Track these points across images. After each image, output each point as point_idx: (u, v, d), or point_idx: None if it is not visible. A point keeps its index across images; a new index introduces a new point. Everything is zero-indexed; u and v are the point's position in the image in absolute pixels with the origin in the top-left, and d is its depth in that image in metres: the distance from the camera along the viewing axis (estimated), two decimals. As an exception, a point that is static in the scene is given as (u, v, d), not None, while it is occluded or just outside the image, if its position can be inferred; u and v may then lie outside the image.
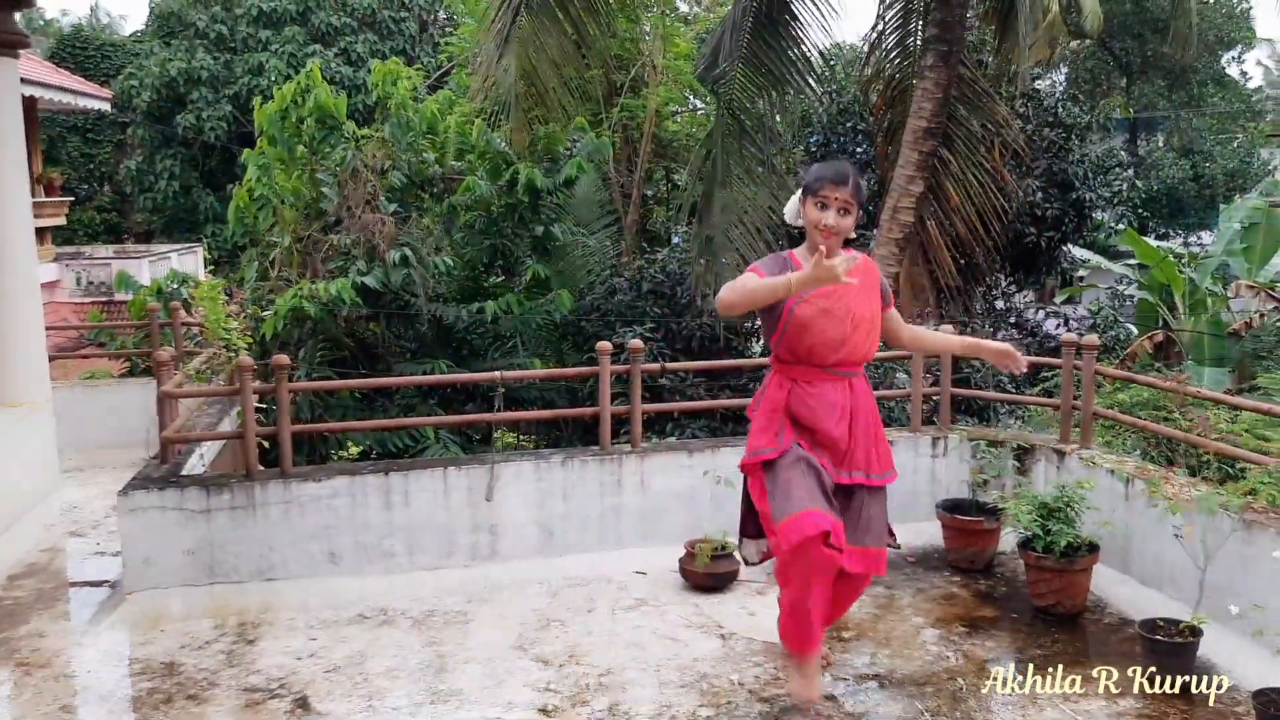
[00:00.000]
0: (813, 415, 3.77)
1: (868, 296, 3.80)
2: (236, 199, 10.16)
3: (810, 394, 3.79)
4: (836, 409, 3.79)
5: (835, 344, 3.74)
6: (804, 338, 3.73)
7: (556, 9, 9.31)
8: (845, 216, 3.66)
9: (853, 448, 3.81)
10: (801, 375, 3.81)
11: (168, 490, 5.13)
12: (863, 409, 3.86)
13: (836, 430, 3.77)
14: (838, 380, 3.82)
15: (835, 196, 3.63)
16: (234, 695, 4.28)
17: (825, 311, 3.71)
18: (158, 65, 22.10)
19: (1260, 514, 4.60)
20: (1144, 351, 12.99)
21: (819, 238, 3.64)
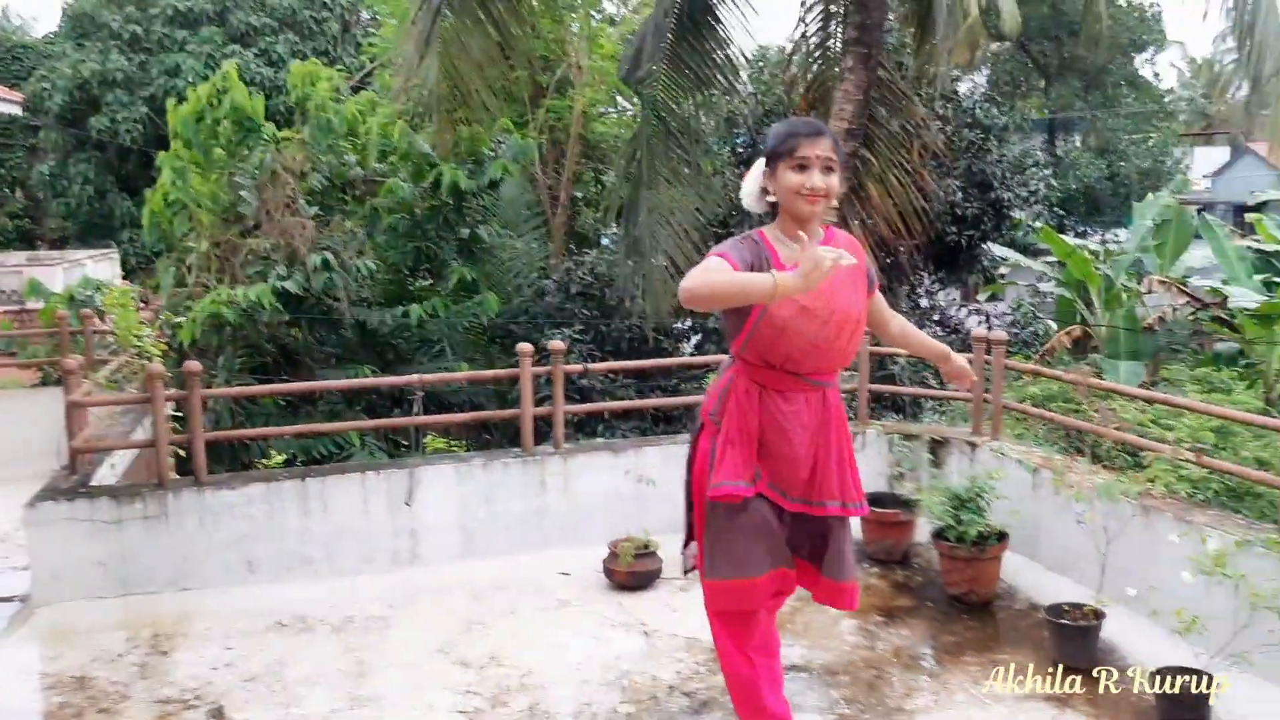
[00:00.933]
0: (784, 441, 3.22)
1: (854, 289, 3.21)
2: (151, 204, 9.98)
3: (784, 411, 3.20)
4: (810, 430, 3.24)
5: (816, 350, 3.13)
6: (779, 343, 3.10)
7: (479, 10, 9.28)
8: (830, 175, 3.06)
9: (825, 474, 3.28)
10: (773, 383, 3.20)
11: (77, 501, 5.03)
12: (836, 427, 3.31)
13: (805, 456, 3.24)
14: (813, 391, 3.23)
15: (816, 154, 3.04)
16: (147, 708, 4.21)
17: (806, 311, 3.07)
18: (70, 67, 21.57)
19: (1158, 500, 4.77)
20: (1062, 346, 13.30)
21: (803, 205, 3.06)
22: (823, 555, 3.37)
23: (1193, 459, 4.86)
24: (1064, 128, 31.26)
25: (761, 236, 3.17)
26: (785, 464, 3.24)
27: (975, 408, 6.04)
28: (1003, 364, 5.83)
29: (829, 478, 3.29)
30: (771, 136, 3.18)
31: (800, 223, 3.11)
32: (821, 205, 3.09)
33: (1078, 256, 13.40)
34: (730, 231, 13.02)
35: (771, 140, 3.16)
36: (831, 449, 3.29)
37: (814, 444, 3.26)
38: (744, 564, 3.24)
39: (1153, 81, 33.81)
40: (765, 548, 3.26)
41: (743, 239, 3.18)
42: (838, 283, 3.06)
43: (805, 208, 3.07)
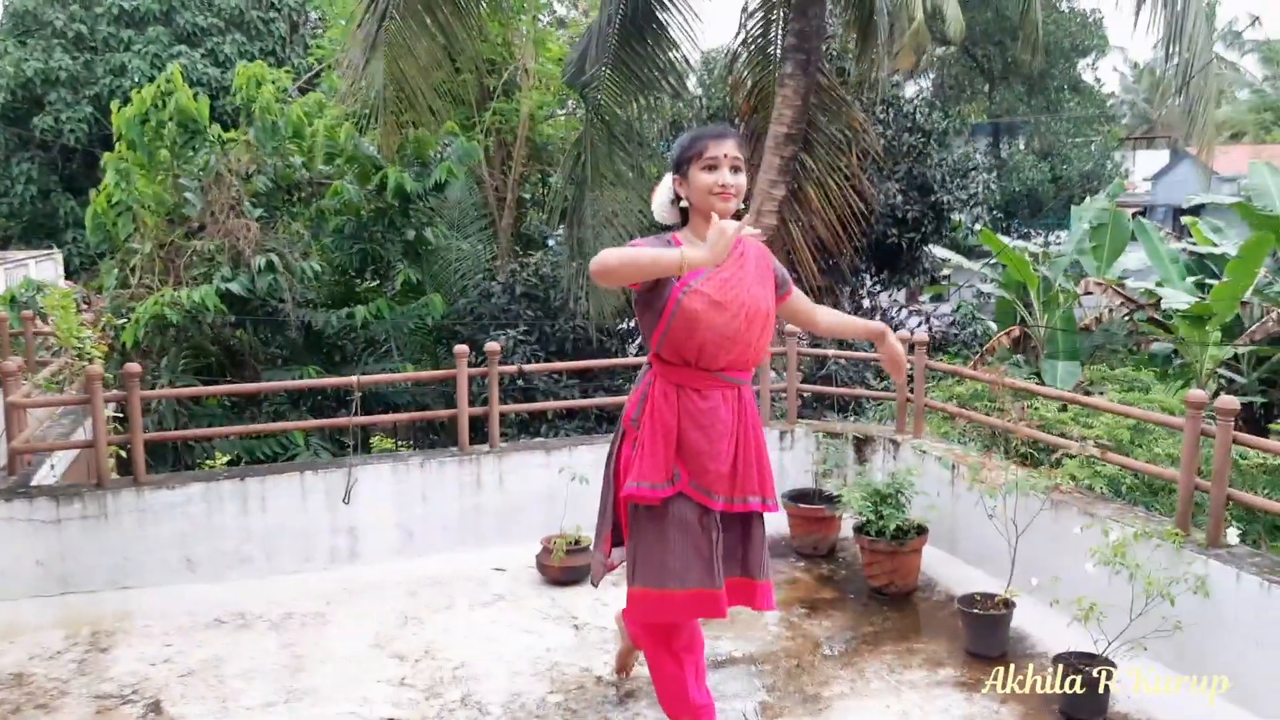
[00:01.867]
0: (704, 438, 3.35)
1: (762, 285, 3.38)
2: (95, 205, 9.97)
3: (702, 410, 3.35)
4: (728, 427, 3.38)
5: (728, 343, 3.28)
6: (693, 335, 3.25)
7: (424, 14, 9.39)
8: (738, 174, 3.26)
9: (746, 471, 3.45)
10: (690, 381, 3.35)
11: (15, 501, 5.09)
12: (752, 425, 3.48)
13: (726, 452, 3.38)
14: (728, 389, 3.39)
15: (724, 154, 3.24)
16: (85, 703, 4.30)
17: (716, 304, 3.24)
18: (12, 65, 21.28)
19: (1065, 495, 5.01)
20: (1002, 347, 13.61)
21: (716, 202, 3.23)
22: (746, 559, 3.51)
23: (1098, 455, 5.10)
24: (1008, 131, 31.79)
25: (674, 238, 3.34)
26: (708, 461, 3.35)
27: (899, 406, 6.26)
28: (924, 364, 6.06)
29: (750, 474, 3.45)
30: (678, 146, 3.36)
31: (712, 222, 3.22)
32: (733, 202, 3.27)
33: (1017, 258, 13.71)
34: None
35: (679, 149, 3.34)
36: (750, 446, 3.44)
37: (733, 441, 3.40)
38: (665, 575, 3.34)
39: (1095, 86, 34.45)
40: (687, 561, 3.34)
41: (657, 236, 3.37)
42: (746, 278, 3.30)
43: (719, 204, 3.25)
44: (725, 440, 3.38)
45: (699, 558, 3.36)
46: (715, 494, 3.40)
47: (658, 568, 3.34)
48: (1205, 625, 4.25)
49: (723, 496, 3.42)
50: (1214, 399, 4.52)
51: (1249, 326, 12.72)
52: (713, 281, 3.26)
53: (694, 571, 3.34)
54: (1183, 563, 4.34)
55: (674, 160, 3.35)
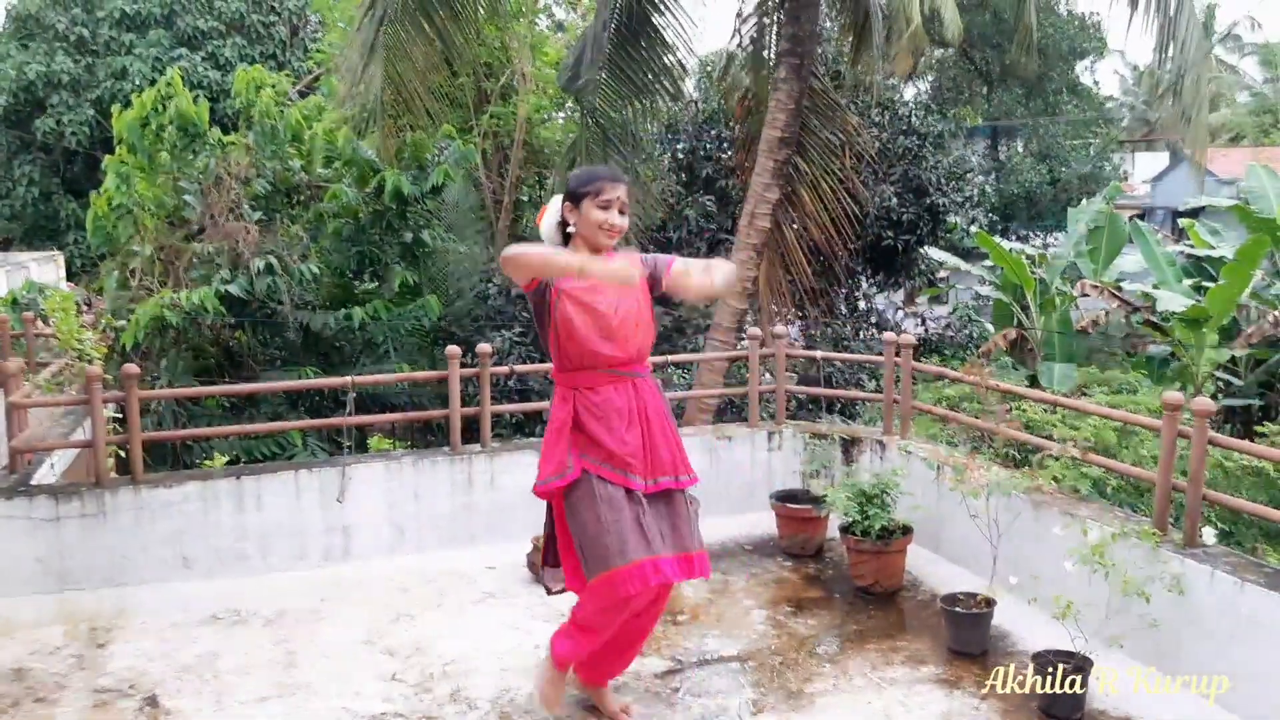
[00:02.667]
0: (603, 425, 3.66)
1: (634, 292, 3.68)
2: (96, 207, 10.09)
3: (595, 403, 3.68)
4: (625, 415, 3.68)
5: (606, 342, 3.64)
6: (574, 338, 3.63)
7: (422, 18, 9.46)
8: (624, 216, 3.67)
9: (656, 452, 3.72)
10: (583, 382, 3.70)
11: (15, 499, 5.18)
12: (654, 411, 3.77)
13: (629, 436, 3.67)
14: (621, 382, 3.71)
15: (616, 197, 3.63)
16: (83, 696, 4.39)
17: (586, 307, 3.62)
18: (15, 69, 21.42)
19: (1047, 495, 5.09)
20: (999, 349, 13.69)
21: (603, 238, 3.63)
22: (678, 533, 3.75)
23: (1080, 456, 5.19)
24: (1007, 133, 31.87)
25: None
26: (615, 445, 3.65)
27: (886, 408, 6.34)
28: (910, 366, 6.14)
29: (661, 456, 3.75)
30: (575, 179, 3.75)
31: (595, 251, 3.67)
32: (616, 239, 3.69)
33: (1013, 260, 13.80)
34: (669, 236, 13.32)
35: (577, 181, 3.73)
36: (654, 431, 3.76)
37: (639, 428, 3.71)
38: (609, 556, 3.56)
39: (1093, 89, 34.54)
40: (623, 535, 3.56)
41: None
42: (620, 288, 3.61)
43: (605, 240, 3.67)
44: (625, 425, 3.68)
45: (634, 531, 3.59)
46: (632, 475, 3.67)
47: (601, 551, 3.58)
48: (1181, 623, 4.33)
49: (640, 478, 3.69)
50: (1214, 400, 4.60)
51: (1246, 329, 12.79)
52: (581, 288, 3.62)
53: (630, 544, 3.57)
54: (1159, 562, 4.42)
55: (570, 190, 3.71)
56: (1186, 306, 12.41)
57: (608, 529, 3.57)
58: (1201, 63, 9.80)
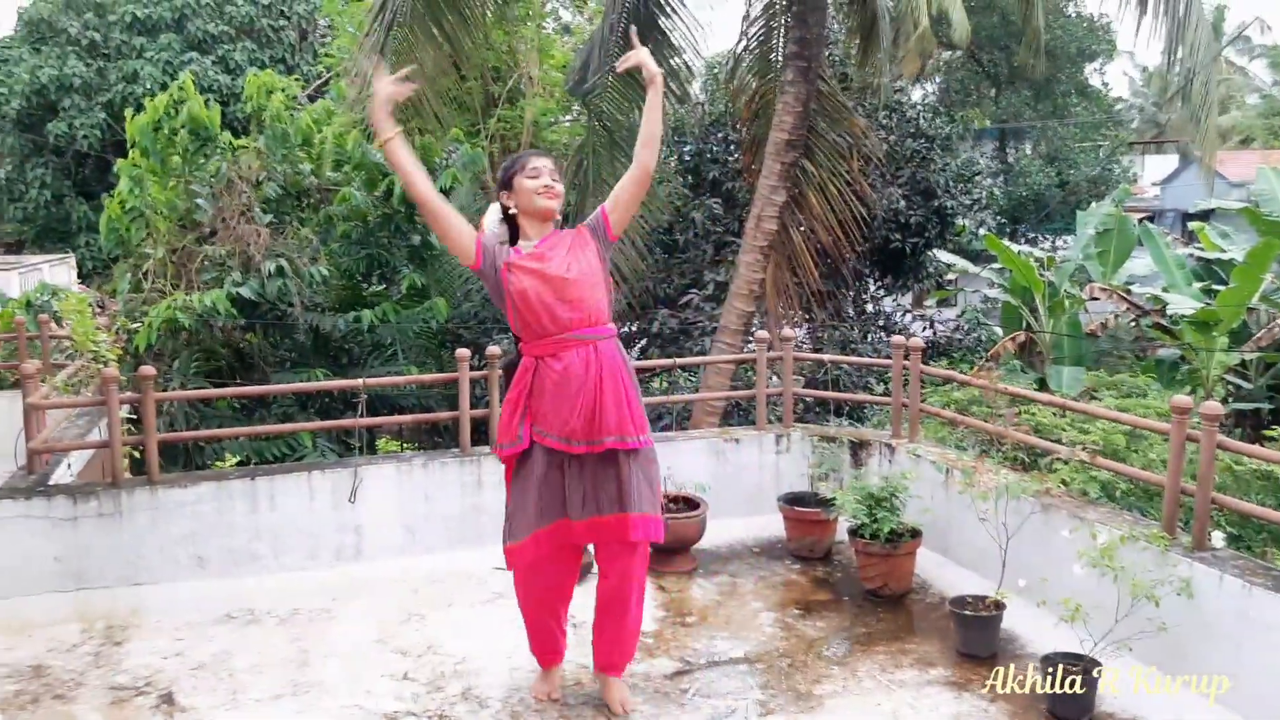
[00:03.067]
0: (559, 393, 3.82)
1: (579, 250, 3.88)
2: (109, 210, 10.16)
3: (554, 370, 3.84)
4: (583, 382, 3.81)
5: (563, 303, 3.81)
6: (530, 307, 3.80)
7: (430, 23, 9.52)
8: (556, 182, 3.88)
9: (603, 416, 3.82)
10: (545, 349, 3.86)
11: (34, 499, 5.24)
12: (610, 374, 3.87)
13: (583, 402, 3.80)
14: (582, 345, 3.84)
15: (544, 164, 3.89)
16: (101, 694, 4.44)
17: (538, 274, 3.80)
18: (27, 72, 21.56)
19: (1056, 498, 5.12)
20: (1007, 352, 13.69)
21: (542, 200, 3.84)
22: (621, 493, 3.89)
23: (1089, 460, 5.21)
24: (1015, 135, 31.85)
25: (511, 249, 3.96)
26: (564, 413, 3.83)
27: (894, 411, 6.37)
28: (919, 369, 6.17)
29: (608, 417, 3.84)
30: (503, 169, 4.01)
31: (539, 219, 3.92)
32: (556, 202, 3.89)
33: (1021, 263, 13.80)
34: (675, 239, 13.35)
35: (503, 170, 3.99)
36: (607, 393, 3.85)
37: (592, 391, 3.83)
38: (524, 526, 3.96)
39: (1102, 90, 34.50)
40: (544, 505, 3.92)
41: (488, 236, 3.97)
42: (560, 249, 3.87)
43: (545, 202, 3.88)
44: (580, 392, 3.83)
45: (555, 500, 3.92)
46: (574, 440, 3.85)
47: (522, 521, 3.97)
48: (1189, 626, 4.35)
49: (582, 441, 3.85)
50: (1224, 404, 4.62)
51: (1256, 332, 12.78)
52: (529, 257, 3.85)
53: (550, 511, 3.93)
54: (1168, 565, 4.44)
55: (500, 181, 3.98)
56: (1196, 310, 12.40)
57: (534, 499, 3.91)
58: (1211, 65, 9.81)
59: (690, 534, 5.82)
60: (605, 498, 3.89)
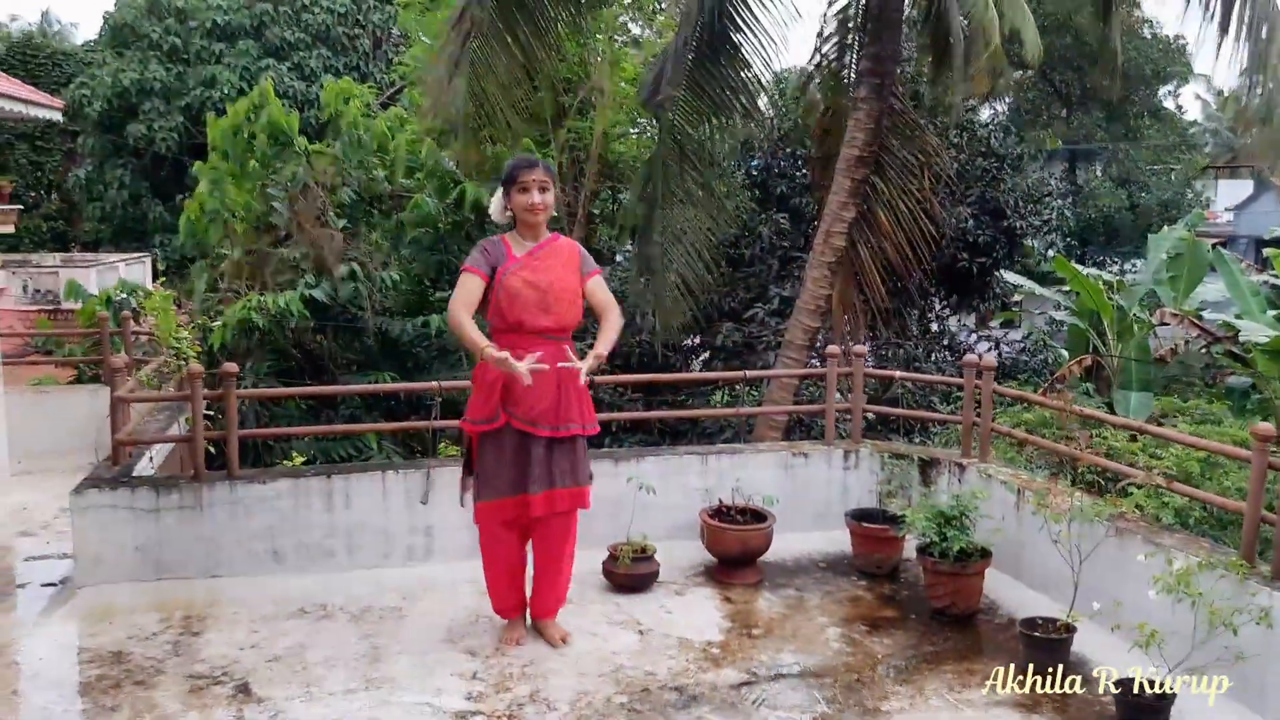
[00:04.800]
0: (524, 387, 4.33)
1: (566, 272, 4.57)
2: (188, 211, 10.42)
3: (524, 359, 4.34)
4: (548, 375, 4.41)
5: (541, 312, 4.47)
6: (514, 305, 4.44)
7: (506, 34, 9.65)
8: (545, 193, 4.48)
9: (566, 407, 4.56)
10: (518, 342, 4.42)
11: (119, 490, 5.39)
12: (570, 372, 4.47)
13: (548, 392, 4.47)
14: (547, 344, 4.45)
15: (532, 179, 4.43)
16: (179, 682, 4.55)
17: (530, 284, 4.46)
18: (110, 75, 22.17)
19: (1130, 522, 5.05)
20: (1073, 375, 13.50)
21: (529, 217, 4.48)
22: (575, 471, 4.67)
23: (1164, 485, 5.14)
24: (1085, 157, 31.48)
25: (503, 240, 4.61)
26: (534, 401, 4.47)
27: (965, 430, 6.33)
28: (991, 389, 6.12)
29: (570, 409, 4.59)
30: (504, 171, 4.55)
31: (529, 228, 4.57)
32: (542, 216, 4.53)
33: (1091, 286, 13.61)
34: (741, 253, 13.36)
35: (503, 175, 4.54)
36: (570, 389, 4.57)
37: (555, 384, 4.50)
38: (497, 491, 4.62)
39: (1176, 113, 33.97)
40: (515, 476, 4.57)
41: (489, 244, 4.61)
42: (554, 265, 4.55)
43: (531, 218, 4.52)
44: (544, 383, 4.42)
45: (522, 474, 4.57)
46: (540, 424, 4.54)
47: (496, 485, 4.62)
48: (1268, 657, 4.27)
49: (547, 426, 4.55)
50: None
51: (1330, 363, 12.46)
52: (524, 266, 4.49)
53: (522, 482, 4.58)
54: (1246, 594, 4.36)
55: (501, 182, 4.55)
56: (1270, 338, 12.14)
57: (504, 469, 4.57)
58: (1292, 90, 9.63)
59: (757, 545, 5.83)
60: (559, 472, 4.60)
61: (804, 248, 13.05)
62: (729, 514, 5.98)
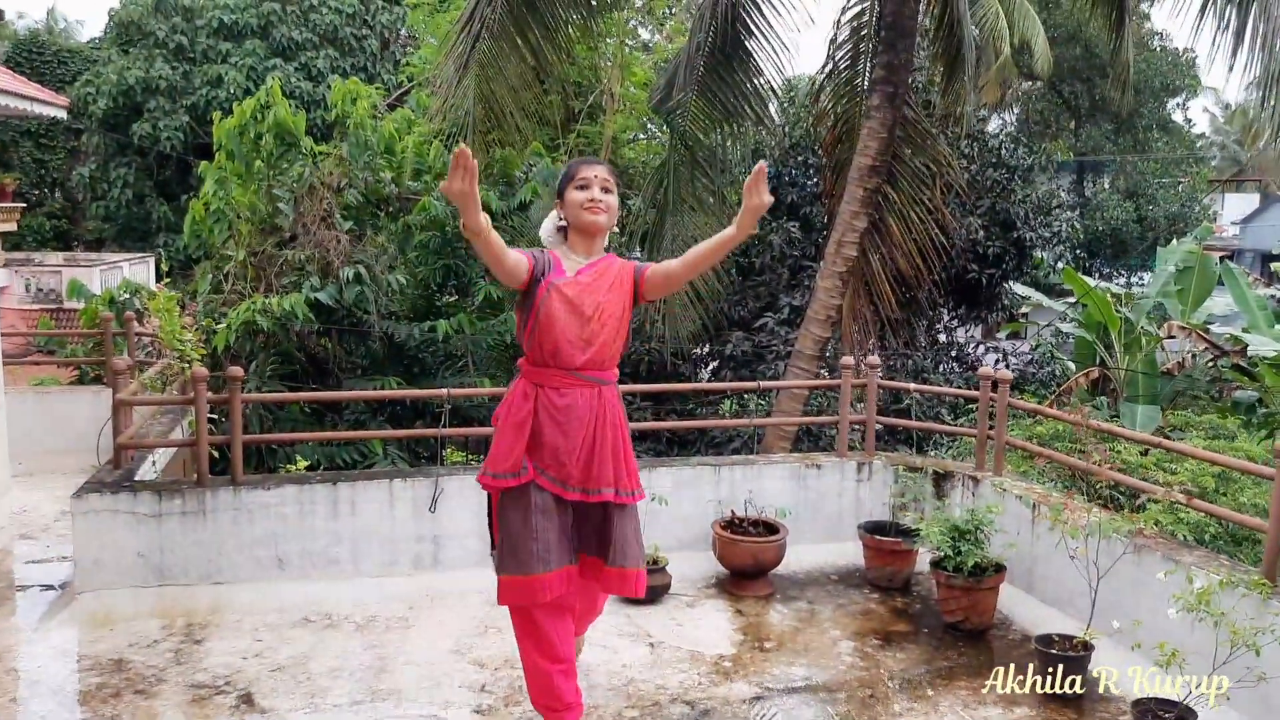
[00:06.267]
0: (560, 432, 3.61)
1: (616, 293, 3.67)
2: (193, 211, 10.32)
3: (559, 406, 3.63)
4: (585, 424, 3.64)
5: (582, 343, 3.60)
6: (550, 333, 3.57)
7: (516, 35, 9.59)
8: (609, 194, 3.64)
9: (600, 465, 3.66)
10: (550, 380, 3.64)
11: (121, 494, 5.31)
12: (611, 423, 3.70)
13: (582, 448, 3.64)
14: (588, 388, 3.66)
15: (594, 174, 3.63)
16: (181, 691, 4.47)
17: (572, 305, 3.58)
18: (115, 73, 22.13)
19: (1149, 539, 4.97)
20: (1080, 387, 13.43)
21: (586, 215, 3.60)
22: (608, 546, 3.71)
23: (1183, 500, 5.05)
24: (1093, 169, 31.38)
25: (550, 252, 3.71)
26: (562, 455, 3.62)
27: (979, 443, 6.24)
28: (1006, 402, 6.04)
29: (605, 467, 3.67)
30: (562, 174, 3.77)
31: (586, 233, 3.67)
32: (604, 216, 3.65)
33: (1100, 298, 13.55)
34: (751, 261, 13.28)
35: (560, 178, 3.76)
36: (608, 442, 3.69)
37: (591, 436, 3.66)
38: (527, 562, 3.58)
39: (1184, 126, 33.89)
40: (545, 545, 3.59)
41: (536, 250, 3.70)
42: (601, 286, 3.65)
43: (589, 217, 3.63)
44: (580, 435, 3.64)
45: (558, 542, 3.64)
46: (569, 485, 3.66)
47: (524, 554, 3.59)
48: (1292, 678, 4.19)
49: (577, 488, 3.66)
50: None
51: (1338, 377, 12.39)
52: (571, 285, 3.60)
53: (554, 553, 3.62)
54: (1269, 613, 4.28)
55: (557, 190, 3.75)
56: (1278, 351, 12.07)
57: (535, 535, 3.59)
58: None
59: (769, 558, 5.75)
60: (590, 545, 3.74)
61: (814, 257, 12.96)
62: (741, 526, 5.90)
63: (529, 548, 3.58)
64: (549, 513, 3.63)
